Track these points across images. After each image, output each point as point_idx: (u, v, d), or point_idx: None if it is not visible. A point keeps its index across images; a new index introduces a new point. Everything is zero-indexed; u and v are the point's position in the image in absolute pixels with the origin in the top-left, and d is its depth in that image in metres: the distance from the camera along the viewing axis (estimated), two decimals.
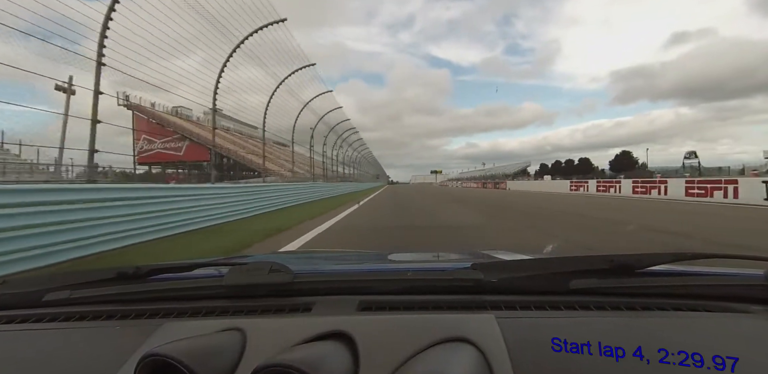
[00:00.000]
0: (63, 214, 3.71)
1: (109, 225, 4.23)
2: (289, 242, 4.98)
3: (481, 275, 0.67)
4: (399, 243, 4.80)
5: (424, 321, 0.57)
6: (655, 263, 0.69)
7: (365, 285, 0.72)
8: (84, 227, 3.90)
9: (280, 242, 4.95)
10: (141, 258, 4.04)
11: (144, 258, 4.06)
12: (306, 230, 6.11)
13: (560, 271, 0.68)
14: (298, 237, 5.33)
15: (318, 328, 0.53)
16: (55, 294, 0.71)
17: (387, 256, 1.36)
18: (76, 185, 4.78)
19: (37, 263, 3.32)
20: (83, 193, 4.11)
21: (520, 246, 4.77)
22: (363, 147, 36.30)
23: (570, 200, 13.83)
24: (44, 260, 3.39)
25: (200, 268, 0.80)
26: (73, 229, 3.77)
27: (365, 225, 6.98)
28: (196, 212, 6.16)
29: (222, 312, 0.67)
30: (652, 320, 0.60)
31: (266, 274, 0.69)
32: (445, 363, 0.43)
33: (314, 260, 1.41)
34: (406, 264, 1.16)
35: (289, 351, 0.45)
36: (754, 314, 0.61)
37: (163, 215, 5.27)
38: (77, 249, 3.78)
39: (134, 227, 4.63)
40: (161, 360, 0.43)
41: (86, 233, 3.91)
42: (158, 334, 0.57)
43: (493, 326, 0.53)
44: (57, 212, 3.64)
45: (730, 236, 5.25)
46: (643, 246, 4.38)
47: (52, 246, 3.49)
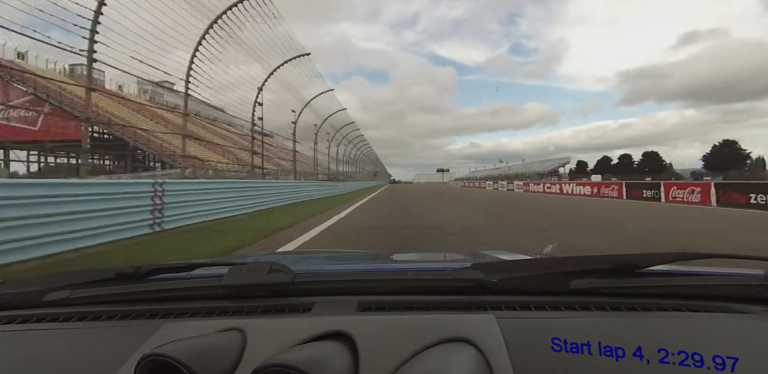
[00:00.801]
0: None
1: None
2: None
3: (481, 276, 0.67)
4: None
5: (424, 321, 0.57)
6: (655, 263, 0.69)
7: (365, 285, 0.72)
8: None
9: None
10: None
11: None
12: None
13: (560, 271, 0.68)
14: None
15: (318, 328, 0.52)
16: (55, 294, 0.71)
17: (387, 256, 1.37)
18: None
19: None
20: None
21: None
22: (362, 142, 33.34)
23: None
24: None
25: (200, 268, 0.81)
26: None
27: None
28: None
29: (222, 313, 0.67)
30: (652, 320, 0.60)
31: (266, 274, 0.69)
32: (445, 364, 0.43)
33: (314, 261, 1.41)
34: (406, 264, 1.17)
35: (289, 351, 0.45)
36: (754, 314, 0.61)
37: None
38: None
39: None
40: (161, 360, 0.43)
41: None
42: (158, 334, 0.57)
43: (493, 326, 0.53)
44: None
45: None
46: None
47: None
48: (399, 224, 7.52)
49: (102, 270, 0.76)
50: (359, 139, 31.73)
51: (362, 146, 35.16)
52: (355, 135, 28.02)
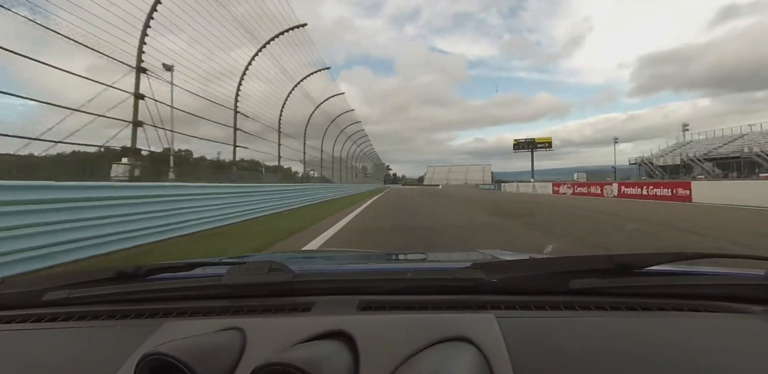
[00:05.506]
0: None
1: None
2: None
3: (481, 275, 0.67)
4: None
5: (424, 320, 0.57)
6: (655, 262, 0.69)
7: (365, 284, 0.72)
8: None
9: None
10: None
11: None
12: None
13: (560, 271, 0.68)
14: None
15: (318, 328, 0.53)
16: (55, 294, 0.71)
17: (387, 256, 1.37)
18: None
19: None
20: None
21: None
22: (353, 128, 23.41)
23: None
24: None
25: (199, 268, 0.81)
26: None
27: None
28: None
29: (222, 312, 0.67)
30: (652, 320, 0.60)
31: (265, 273, 0.69)
32: (445, 363, 0.43)
33: (314, 260, 1.41)
34: (406, 264, 1.17)
35: (289, 350, 0.45)
36: (754, 314, 0.61)
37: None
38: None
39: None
40: (161, 359, 0.43)
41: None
42: (158, 333, 0.57)
43: (493, 326, 0.53)
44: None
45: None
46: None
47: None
48: None
49: (101, 270, 0.76)
50: (353, 127, 22.51)
51: (357, 136, 26.06)
52: (345, 118, 19.94)
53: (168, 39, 6.24)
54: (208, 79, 7.69)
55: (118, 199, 4.60)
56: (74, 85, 4.59)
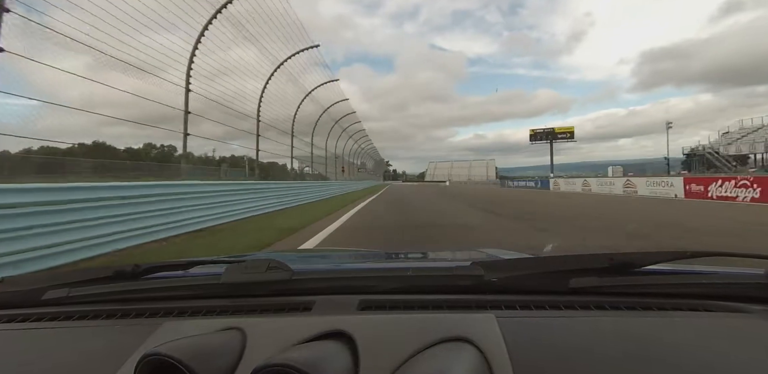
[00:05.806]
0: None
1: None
2: None
3: (481, 274, 0.67)
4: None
5: (424, 320, 0.57)
6: (654, 261, 0.69)
7: (365, 283, 0.72)
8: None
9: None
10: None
11: None
12: None
13: (560, 270, 0.68)
14: None
15: (318, 328, 0.52)
16: (55, 293, 0.71)
17: (387, 254, 1.37)
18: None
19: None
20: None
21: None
22: (354, 128, 22.95)
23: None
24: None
25: (198, 266, 0.80)
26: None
27: None
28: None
29: (222, 311, 0.67)
30: (652, 320, 0.59)
31: (264, 272, 0.69)
32: (445, 363, 0.43)
33: (313, 259, 1.41)
34: (406, 263, 1.16)
35: (289, 350, 0.45)
36: (754, 314, 0.61)
37: None
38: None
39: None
40: (161, 359, 0.43)
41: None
42: (158, 333, 0.57)
43: (493, 325, 0.53)
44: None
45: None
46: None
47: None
48: None
49: (100, 268, 0.75)
50: (347, 118, 20.82)
51: (354, 132, 25.29)
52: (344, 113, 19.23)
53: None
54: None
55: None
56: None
